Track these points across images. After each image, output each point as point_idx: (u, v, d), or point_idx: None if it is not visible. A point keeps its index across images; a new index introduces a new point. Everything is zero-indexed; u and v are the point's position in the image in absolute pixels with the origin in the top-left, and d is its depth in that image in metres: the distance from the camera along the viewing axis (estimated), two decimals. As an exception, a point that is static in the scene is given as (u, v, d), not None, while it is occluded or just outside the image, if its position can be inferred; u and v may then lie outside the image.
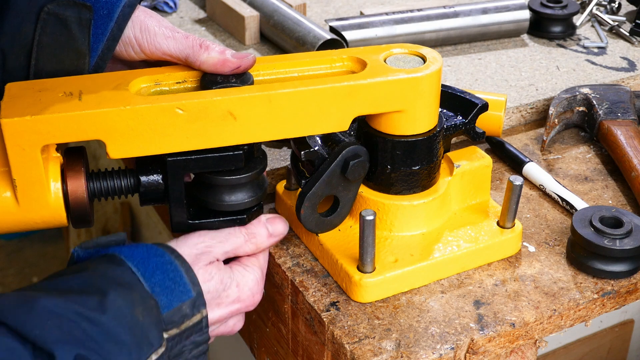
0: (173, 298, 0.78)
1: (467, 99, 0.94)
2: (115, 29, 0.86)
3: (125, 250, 0.80)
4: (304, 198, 0.85)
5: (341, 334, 0.82)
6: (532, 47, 1.33)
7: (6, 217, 0.80)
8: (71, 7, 0.84)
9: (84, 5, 0.85)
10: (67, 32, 0.85)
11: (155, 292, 0.77)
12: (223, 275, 0.84)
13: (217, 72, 0.86)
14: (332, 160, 0.85)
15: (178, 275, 0.79)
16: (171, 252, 0.81)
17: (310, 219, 0.87)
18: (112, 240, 0.82)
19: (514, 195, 0.88)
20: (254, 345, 1.06)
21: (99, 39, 0.86)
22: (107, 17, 0.86)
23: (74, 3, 0.85)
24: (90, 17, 0.85)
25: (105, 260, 0.79)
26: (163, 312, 0.77)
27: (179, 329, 0.78)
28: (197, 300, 0.80)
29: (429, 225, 0.91)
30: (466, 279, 0.89)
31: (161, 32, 0.88)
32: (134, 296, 0.76)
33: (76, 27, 0.85)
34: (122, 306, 0.74)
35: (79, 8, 0.85)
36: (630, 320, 1.48)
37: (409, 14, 1.30)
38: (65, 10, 0.84)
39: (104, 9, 0.86)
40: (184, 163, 0.83)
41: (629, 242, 0.87)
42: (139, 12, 0.88)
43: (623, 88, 1.15)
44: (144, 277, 0.78)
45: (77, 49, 0.86)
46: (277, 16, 1.28)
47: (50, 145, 0.80)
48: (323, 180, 0.85)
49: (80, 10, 0.85)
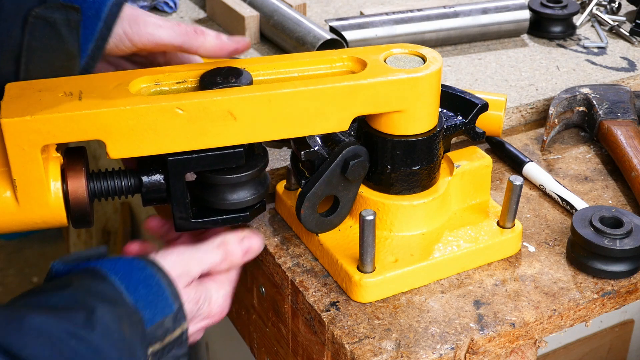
0: (156, 312, 0.78)
1: (467, 99, 0.94)
2: (104, 28, 0.86)
3: (107, 264, 0.79)
4: (304, 198, 0.85)
5: (341, 334, 0.82)
6: (532, 47, 1.33)
7: (6, 217, 0.80)
8: (59, 9, 0.84)
9: (72, 7, 0.85)
10: (56, 34, 0.84)
11: (139, 306, 0.77)
12: (200, 294, 0.84)
13: (215, 56, 0.86)
14: (332, 160, 0.85)
15: (160, 289, 0.79)
16: (152, 265, 0.80)
17: (310, 219, 0.87)
18: (92, 254, 0.81)
19: (514, 195, 0.88)
20: (254, 345, 1.06)
21: (88, 39, 0.86)
22: (95, 17, 0.86)
23: (62, 5, 0.84)
24: (78, 19, 0.85)
25: (88, 274, 0.77)
26: (147, 326, 0.77)
27: (162, 344, 0.78)
28: (179, 314, 0.79)
29: (429, 225, 0.91)
30: (466, 279, 0.89)
31: (152, 21, 0.88)
32: (119, 311, 0.75)
33: (65, 29, 0.84)
34: (110, 322, 0.73)
35: (67, 10, 0.84)
36: (630, 320, 1.48)
37: (409, 14, 1.30)
38: (53, 13, 0.84)
39: (91, 9, 0.86)
40: (184, 162, 0.83)
41: (629, 242, 0.87)
42: (126, 8, 0.88)
43: (623, 88, 1.15)
44: (127, 290, 0.77)
45: (67, 50, 0.85)
46: (277, 16, 1.28)
47: (50, 145, 0.80)
48: (323, 180, 0.85)
49: (68, 12, 0.84)
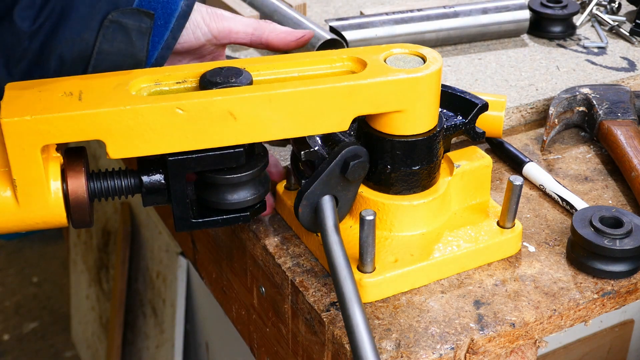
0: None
1: (467, 99, 0.94)
2: (170, 37, 0.89)
3: None
4: (302, 197, 0.85)
5: (341, 334, 0.82)
6: (532, 47, 1.33)
7: (6, 217, 0.80)
8: (133, 15, 0.86)
9: (146, 13, 0.87)
10: (128, 39, 0.86)
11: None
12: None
13: (283, 43, 0.93)
14: (332, 160, 0.85)
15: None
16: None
17: (309, 218, 0.87)
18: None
19: (514, 195, 0.88)
20: (254, 345, 1.06)
21: (155, 47, 0.89)
22: (164, 27, 0.89)
23: (137, 11, 0.86)
24: (150, 26, 0.87)
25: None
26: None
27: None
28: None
29: (429, 225, 0.91)
30: (466, 279, 0.89)
31: (226, 14, 0.94)
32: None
33: (136, 35, 0.87)
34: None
35: (141, 16, 0.87)
36: (630, 320, 1.48)
37: (409, 14, 1.30)
38: (127, 18, 0.86)
39: (161, 19, 0.89)
40: (184, 162, 0.83)
41: (629, 242, 0.87)
42: (199, 6, 0.93)
43: (623, 88, 1.15)
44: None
45: (136, 56, 0.87)
46: (277, 16, 1.28)
47: (50, 145, 0.80)
48: (322, 180, 0.85)
49: (141, 18, 0.87)
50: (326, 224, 0.83)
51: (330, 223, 0.83)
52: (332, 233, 0.82)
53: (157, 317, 1.84)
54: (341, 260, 0.79)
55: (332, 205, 0.85)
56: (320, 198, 0.85)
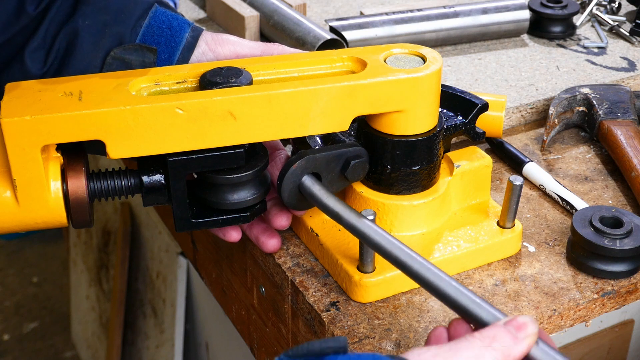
0: None
1: (467, 99, 0.94)
2: None
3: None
4: (288, 168, 0.84)
5: (341, 334, 0.82)
6: (532, 47, 1.33)
7: (6, 217, 0.80)
8: (136, 50, 0.86)
9: (149, 49, 0.87)
10: None
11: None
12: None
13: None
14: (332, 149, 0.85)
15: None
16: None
17: (288, 188, 0.85)
18: (328, 346, 0.63)
19: (514, 195, 0.88)
20: (254, 345, 1.06)
21: None
22: (168, 61, 0.89)
23: (139, 47, 0.86)
24: (154, 61, 0.87)
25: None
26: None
27: None
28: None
29: (429, 225, 0.91)
30: (466, 279, 0.89)
31: (232, 38, 0.93)
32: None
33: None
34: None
35: (144, 51, 0.86)
36: (630, 320, 1.48)
37: (409, 14, 1.30)
38: (130, 54, 0.86)
39: (165, 53, 0.88)
40: (185, 162, 0.83)
41: (629, 242, 0.88)
42: (205, 34, 0.93)
43: (623, 88, 1.15)
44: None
45: None
46: (277, 16, 1.28)
47: (50, 145, 0.80)
48: (318, 157, 0.84)
49: (145, 53, 0.86)
50: (315, 192, 0.84)
51: (319, 189, 0.84)
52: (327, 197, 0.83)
53: (157, 317, 1.83)
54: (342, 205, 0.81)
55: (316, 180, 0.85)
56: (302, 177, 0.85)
